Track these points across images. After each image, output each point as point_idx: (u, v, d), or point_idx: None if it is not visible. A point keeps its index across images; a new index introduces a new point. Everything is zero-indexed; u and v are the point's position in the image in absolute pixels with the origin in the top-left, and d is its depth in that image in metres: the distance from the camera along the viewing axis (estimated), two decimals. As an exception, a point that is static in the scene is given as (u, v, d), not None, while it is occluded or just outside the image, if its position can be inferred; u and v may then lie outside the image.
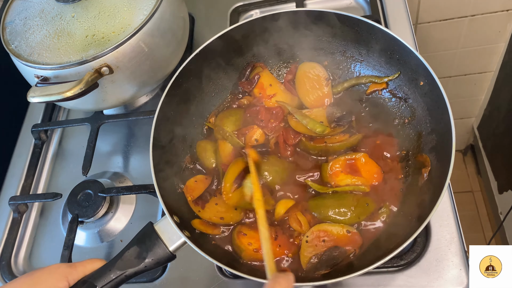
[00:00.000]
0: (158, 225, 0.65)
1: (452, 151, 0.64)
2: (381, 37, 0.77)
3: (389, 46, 0.77)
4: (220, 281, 0.79)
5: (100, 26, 0.84)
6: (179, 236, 0.64)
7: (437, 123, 0.72)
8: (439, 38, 1.49)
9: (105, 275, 0.60)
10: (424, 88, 0.74)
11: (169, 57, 0.93)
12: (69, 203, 0.89)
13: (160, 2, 0.86)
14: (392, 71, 0.80)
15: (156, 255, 0.62)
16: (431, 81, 0.71)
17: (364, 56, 0.83)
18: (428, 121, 0.75)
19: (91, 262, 0.62)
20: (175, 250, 0.64)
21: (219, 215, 0.76)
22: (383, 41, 0.78)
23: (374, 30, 0.77)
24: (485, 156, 1.88)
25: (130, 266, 0.61)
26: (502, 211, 1.74)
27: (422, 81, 0.74)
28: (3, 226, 0.96)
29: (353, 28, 0.80)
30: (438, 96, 0.69)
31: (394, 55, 0.78)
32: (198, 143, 0.86)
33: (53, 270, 0.59)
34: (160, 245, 0.63)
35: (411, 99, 0.78)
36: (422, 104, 0.76)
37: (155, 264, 0.62)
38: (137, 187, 0.89)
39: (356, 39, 0.82)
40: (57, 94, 0.78)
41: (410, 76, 0.77)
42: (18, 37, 0.87)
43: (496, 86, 1.66)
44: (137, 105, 1.06)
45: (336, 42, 0.85)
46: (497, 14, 1.40)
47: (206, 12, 1.17)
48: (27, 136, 1.07)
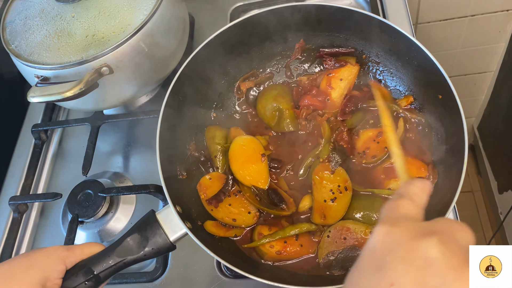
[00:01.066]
0: (160, 214, 0.64)
1: (462, 175, 0.63)
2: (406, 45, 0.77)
3: (408, 51, 0.77)
4: (220, 281, 0.79)
5: (100, 26, 0.84)
6: (181, 226, 0.63)
7: (450, 136, 0.72)
8: (439, 38, 1.49)
9: (104, 260, 0.59)
10: (442, 100, 0.73)
11: (169, 57, 0.93)
12: (69, 203, 0.89)
13: (160, 2, 0.86)
14: (412, 81, 0.80)
15: (157, 244, 0.61)
16: (449, 95, 0.70)
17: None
18: (440, 132, 0.75)
19: (90, 246, 0.62)
20: (176, 240, 0.63)
21: (231, 216, 0.75)
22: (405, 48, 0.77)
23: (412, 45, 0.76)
24: (485, 156, 1.88)
25: (130, 254, 0.60)
26: (502, 211, 1.74)
27: (440, 95, 0.73)
28: (3, 226, 0.96)
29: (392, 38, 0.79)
30: (454, 111, 0.68)
31: (412, 61, 0.78)
32: (207, 128, 0.84)
33: (51, 252, 0.59)
34: (161, 234, 0.62)
35: (426, 109, 0.78)
36: (437, 115, 0.76)
37: (155, 253, 0.62)
38: (137, 187, 0.89)
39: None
40: (57, 94, 0.78)
41: (427, 86, 0.77)
42: (18, 37, 0.87)
43: (496, 86, 1.66)
44: (137, 105, 1.06)
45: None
46: (497, 14, 1.40)
47: (206, 12, 1.16)
48: (27, 136, 1.07)
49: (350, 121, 0.82)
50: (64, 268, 0.58)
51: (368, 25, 0.79)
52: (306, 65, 0.90)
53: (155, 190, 0.86)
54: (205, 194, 0.77)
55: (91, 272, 0.58)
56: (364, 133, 0.81)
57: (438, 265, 0.30)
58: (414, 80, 0.80)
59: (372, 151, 0.78)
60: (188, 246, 0.84)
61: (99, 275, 0.59)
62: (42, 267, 0.57)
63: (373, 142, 0.79)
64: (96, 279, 0.58)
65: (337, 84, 0.85)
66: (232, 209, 0.76)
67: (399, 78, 0.83)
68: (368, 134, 0.80)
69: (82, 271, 0.58)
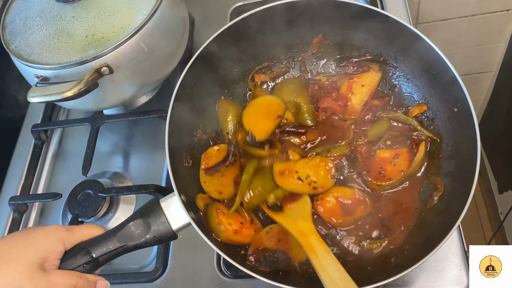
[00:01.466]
0: (165, 202, 0.64)
1: (472, 188, 0.63)
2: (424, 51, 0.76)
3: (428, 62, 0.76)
4: (220, 281, 0.79)
5: (100, 26, 0.84)
6: (184, 216, 0.63)
7: (461, 151, 0.71)
8: (439, 38, 1.49)
9: (104, 244, 0.59)
10: (456, 114, 0.73)
11: (169, 57, 0.93)
12: (69, 203, 0.89)
13: (160, 2, 0.86)
14: (428, 90, 0.80)
15: (158, 232, 0.61)
16: (466, 109, 0.69)
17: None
18: (450, 145, 0.74)
19: (90, 228, 0.61)
20: (178, 230, 0.63)
21: (219, 189, 0.76)
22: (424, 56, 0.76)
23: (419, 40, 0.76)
24: (485, 156, 1.88)
25: (131, 240, 0.59)
26: (502, 211, 1.74)
27: (456, 107, 0.73)
28: (3, 226, 0.96)
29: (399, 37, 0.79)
30: (469, 126, 0.68)
31: (431, 70, 0.77)
32: (220, 103, 0.85)
33: (51, 232, 0.57)
34: (164, 222, 0.61)
35: (438, 119, 0.78)
36: (449, 127, 0.75)
37: (156, 241, 0.61)
38: (137, 187, 0.89)
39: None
40: (57, 94, 0.78)
41: (444, 97, 0.76)
42: (18, 37, 0.87)
43: (496, 86, 1.66)
44: (137, 105, 1.06)
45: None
46: (497, 14, 1.40)
47: (206, 12, 1.17)
48: (27, 136, 1.07)
49: (371, 132, 0.80)
50: (63, 249, 0.58)
51: (390, 29, 0.78)
52: (322, 61, 0.89)
53: (155, 190, 0.86)
54: (207, 164, 0.77)
55: (89, 255, 0.58)
56: (380, 153, 0.78)
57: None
58: (431, 89, 0.79)
59: (388, 173, 0.76)
60: (188, 246, 0.84)
61: (98, 259, 0.58)
62: (41, 247, 0.55)
63: (390, 164, 0.77)
64: (95, 263, 0.58)
65: (358, 89, 0.83)
66: (222, 180, 0.76)
67: (415, 85, 0.82)
68: (384, 155, 0.78)
69: (81, 253, 0.58)
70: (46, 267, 0.55)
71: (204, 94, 0.83)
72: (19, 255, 0.54)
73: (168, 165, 0.69)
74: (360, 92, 0.83)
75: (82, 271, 0.58)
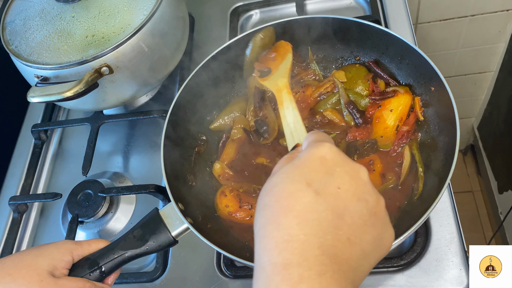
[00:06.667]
0: (163, 210, 0.67)
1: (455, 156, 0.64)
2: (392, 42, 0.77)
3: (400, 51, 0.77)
4: (220, 281, 0.79)
5: (100, 26, 0.84)
6: (182, 222, 0.65)
7: (443, 128, 0.72)
8: (439, 38, 1.49)
9: (108, 254, 0.62)
10: (435, 93, 0.73)
11: (169, 57, 0.93)
12: (69, 203, 0.89)
13: (160, 2, 0.86)
14: (404, 76, 0.80)
15: (159, 239, 0.64)
16: (441, 87, 0.70)
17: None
18: (436, 125, 0.75)
19: (96, 242, 0.65)
20: (177, 235, 0.66)
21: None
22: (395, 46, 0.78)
23: (387, 36, 0.77)
24: (485, 156, 1.88)
25: (132, 247, 0.63)
26: (502, 211, 1.74)
27: (433, 87, 0.73)
28: (3, 226, 0.96)
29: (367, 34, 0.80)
30: (447, 104, 0.69)
31: (404, 60, 0.77)
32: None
33: (60, 244, 0.62)
34: (163, 229, 0.65)
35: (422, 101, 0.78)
36: (433, 109, 0.75)
37: (157, 248, 0.65)
38: (137, 187, 0.89)
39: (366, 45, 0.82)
40: (57, 94, 0.78)
41: (421, 80, 0.76)
42: (18, 37, 0.87)
43: (496, 86, 1.66)
44: (137, 105, 1.06)
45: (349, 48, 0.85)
46: (497, 14, 1.40)
47: (206, 12, 1.16)
48: (27, 136, 1.07)
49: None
50: (71, 260, 0.61)
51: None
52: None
53: (155, 190, 0.86)
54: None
55: (95, 264, 0.62)
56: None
57: (369, 185, 0.42)
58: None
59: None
60: (188, 246, 0.84)
61: (103, 267, 0.62)
62: (51, 256, 0.59)
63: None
64: (101, 271, 0.62)
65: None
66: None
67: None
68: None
69: (87, 263, 0.62)
70: (55, 274, 0.59)
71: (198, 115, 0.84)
72: (29, 262, 0.58)
73: (164, 179, 0.71)
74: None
75: (89, 279, 0.62)
